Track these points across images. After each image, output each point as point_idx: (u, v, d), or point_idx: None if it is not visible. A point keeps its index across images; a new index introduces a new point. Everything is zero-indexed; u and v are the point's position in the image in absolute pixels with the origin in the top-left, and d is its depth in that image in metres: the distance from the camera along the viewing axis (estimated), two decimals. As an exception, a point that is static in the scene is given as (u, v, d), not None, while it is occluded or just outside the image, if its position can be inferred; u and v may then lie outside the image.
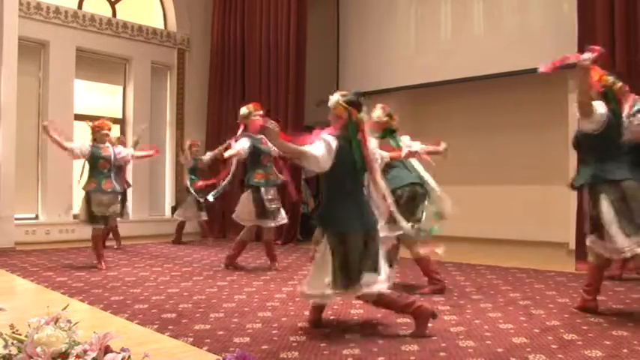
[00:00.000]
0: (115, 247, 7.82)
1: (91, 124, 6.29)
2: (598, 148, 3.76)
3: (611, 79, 3.91)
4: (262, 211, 5.88)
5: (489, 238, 8.95)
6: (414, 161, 4.85)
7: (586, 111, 3.63)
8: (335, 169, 3.33)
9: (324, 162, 3.29)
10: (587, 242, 3.85)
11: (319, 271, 3.31)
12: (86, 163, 6.11)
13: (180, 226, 8.75)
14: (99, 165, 6.08)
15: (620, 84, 3.90)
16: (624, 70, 5.87)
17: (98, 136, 6.14)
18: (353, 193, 3.38)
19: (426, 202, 4.68)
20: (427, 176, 4.76)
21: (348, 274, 3.21)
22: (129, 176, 9.77)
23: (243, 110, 6.00)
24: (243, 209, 5.97)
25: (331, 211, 3.37)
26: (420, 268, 4.81)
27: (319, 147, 3.32)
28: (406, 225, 3.83)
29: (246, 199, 5.95)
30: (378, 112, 4.80)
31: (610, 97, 3.84)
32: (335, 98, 3.48)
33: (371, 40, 9.75)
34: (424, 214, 4.63)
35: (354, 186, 3.40)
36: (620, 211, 3.58)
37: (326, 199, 3.46)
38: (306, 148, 3.32)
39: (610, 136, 3.73)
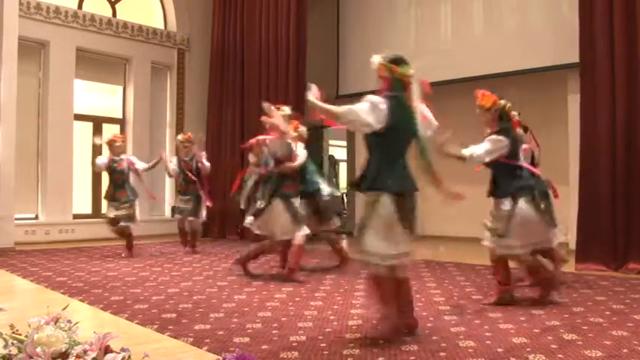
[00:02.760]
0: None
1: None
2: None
3: (502, 102, 4.46)
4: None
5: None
6: None
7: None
8: (389, 131, 3.21)
9: (369, 122, 3.18)
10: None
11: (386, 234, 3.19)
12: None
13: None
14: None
15: (509, 104, 4.41)
16: (624, 70, 5.88)
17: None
18: (404, 154, 3.33)
19: None
20: None
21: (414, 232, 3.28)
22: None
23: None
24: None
25: (388, 173, 3.23)
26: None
27: (363, 106, 3.22)
28: None
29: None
30: None
31: (504, 117, 4.37)
32: (376, 60, 3.40)
33: (371, 40, 9.75)
34: None
35: (405, 148, 3.34)
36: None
37: (378, 163, 3.27)
38: (348, 107, 3.25)
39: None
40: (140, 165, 7.27)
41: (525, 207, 4.11)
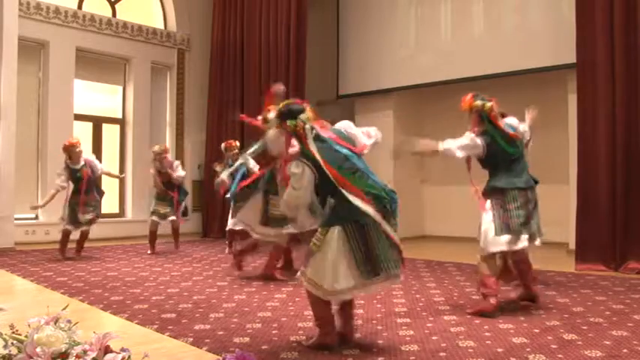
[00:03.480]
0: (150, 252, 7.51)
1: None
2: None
3: (479, 102, 4.26)
4: None
5: (489, 238, 8.93)
6: None
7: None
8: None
9: None
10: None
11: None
12: None
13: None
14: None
15: (489, 104, 4.23)
16: (624, 71, 5.89)
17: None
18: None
19: None
20: None
21: None
22: (129, 178, 9.83)
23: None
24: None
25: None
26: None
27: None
28: None
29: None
30: None
31: (485, 118, 4.21)
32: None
33: (371, 40, 9.75)
34: None
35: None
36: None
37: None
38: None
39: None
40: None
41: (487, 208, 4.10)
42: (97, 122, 9.76)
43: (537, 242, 4.15)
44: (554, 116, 8.34)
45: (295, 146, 3.15)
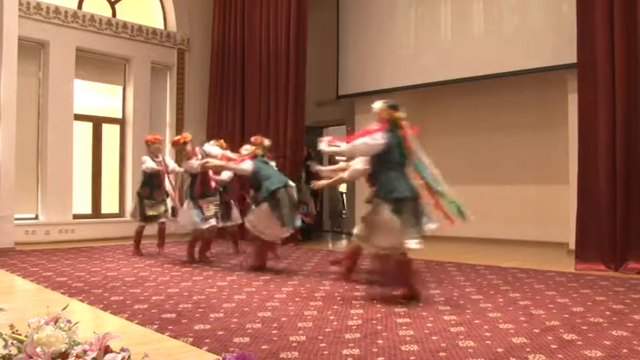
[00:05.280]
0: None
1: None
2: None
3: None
4: None
5: (489, 238, 8.95)
6: None
7: None
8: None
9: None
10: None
11: None
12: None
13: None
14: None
15: (399, 113, 4.56)
16: (624, 70, 5.89)
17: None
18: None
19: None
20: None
21: None
22: (129, 178, 9.83)
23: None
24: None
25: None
26: None
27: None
28: None
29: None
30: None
31: (394, 125, 4.52)
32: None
33: (371, 40, 9.75)
34: None
35: None
36: None
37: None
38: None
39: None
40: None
41: None
42: (97, 122, 9.76)
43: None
44: (554, 116, 8.35)
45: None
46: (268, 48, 9.58)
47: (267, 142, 6.32)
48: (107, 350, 2.01)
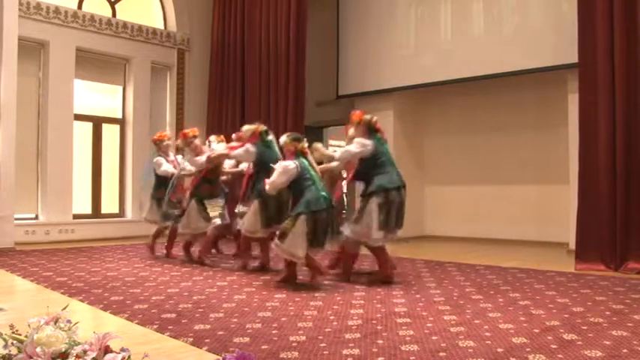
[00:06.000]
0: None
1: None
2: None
3: (368, 116, 5.24)
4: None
5: (489, 238, 8.96)
6: None
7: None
8: None
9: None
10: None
11: None
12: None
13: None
14: None
15: (374, 118, 5.26)
16: (623, 70, 5.89)
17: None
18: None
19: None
20: None
21: None
22: (129, 178, 9.82)
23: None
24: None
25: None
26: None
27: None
28: None
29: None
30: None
31: (372, 129, 5.21)
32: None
33: (371, 40, 9.75)
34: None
35: None
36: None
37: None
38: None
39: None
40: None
41: None
42: (97, 122, 9.76)
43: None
44: (554, 116, 8.36)
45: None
46: (268, 48, 9.58)
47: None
48: (107, 350, 2.01)
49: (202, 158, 6.21)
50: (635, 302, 4.22)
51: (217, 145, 6.72)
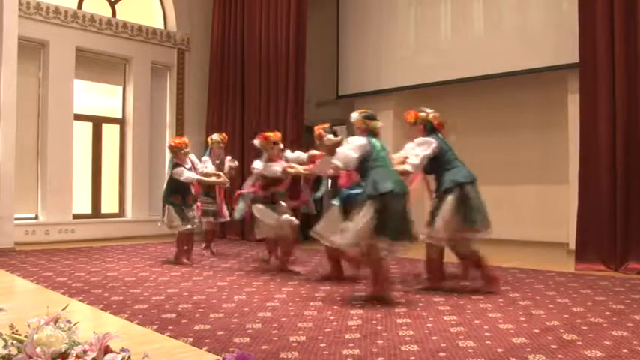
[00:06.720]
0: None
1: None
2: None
3: (423, 114, 4.96)
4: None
5: (489, 238, 8.93)
6: None
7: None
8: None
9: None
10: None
11: None
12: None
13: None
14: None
15: (433, 114, 4.95)
16: (624, 70, 5.89)
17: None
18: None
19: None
20: None
21: None
22: (129, 178, 9.82)
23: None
24: None
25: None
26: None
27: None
28: None
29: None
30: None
31: (429, 127, 4.92)
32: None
33: (371, 40, 9.75)
34: None
35: None
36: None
37: None
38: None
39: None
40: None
41: None
42: (97, 122, 9.76)
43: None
44: (554, 116, 8.35)
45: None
46: (268, 48, 9.58)
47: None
48: (107, 350, 2.01)
49: (277, 168, 5.81)
50: (635, 302, 4.22)
51: (291, 155, 6.21)
